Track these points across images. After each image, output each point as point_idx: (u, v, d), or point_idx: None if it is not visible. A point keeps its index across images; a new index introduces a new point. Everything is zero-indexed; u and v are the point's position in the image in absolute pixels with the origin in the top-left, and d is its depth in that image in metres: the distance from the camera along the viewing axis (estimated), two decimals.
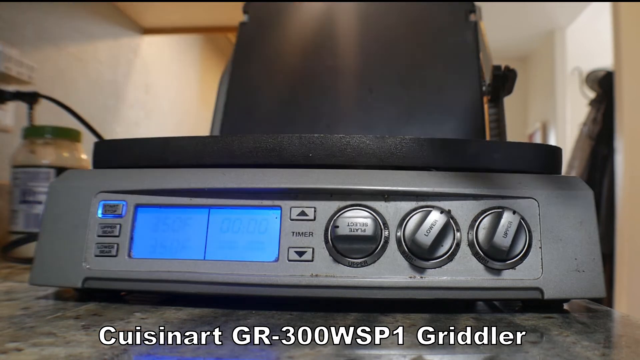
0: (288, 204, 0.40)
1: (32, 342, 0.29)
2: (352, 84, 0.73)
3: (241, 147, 0.42)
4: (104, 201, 0.42)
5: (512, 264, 0.38)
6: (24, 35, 1.08)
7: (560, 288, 0.37)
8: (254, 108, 0.73)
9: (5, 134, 1.00)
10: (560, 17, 3.78)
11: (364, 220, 0.38)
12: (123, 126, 1.55)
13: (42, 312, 0.37)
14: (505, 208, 0.38)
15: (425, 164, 0.41)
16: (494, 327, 0.34)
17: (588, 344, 0.30)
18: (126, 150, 0.45)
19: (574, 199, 0.39)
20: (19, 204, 0.77)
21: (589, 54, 3.48)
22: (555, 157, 0.43)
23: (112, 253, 0.40)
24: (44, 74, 1.14)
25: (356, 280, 0.38)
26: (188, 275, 0.39)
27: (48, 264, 0.41)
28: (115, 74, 1.51)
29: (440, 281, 0.38)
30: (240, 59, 0.76)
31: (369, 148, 0.41)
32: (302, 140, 0.41)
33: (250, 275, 0.38)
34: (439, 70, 0.72)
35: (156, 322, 0.35)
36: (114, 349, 0.28)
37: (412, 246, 0.38)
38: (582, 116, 2.71)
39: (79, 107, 0.94)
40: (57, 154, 0.78)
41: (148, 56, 1.72)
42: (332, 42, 0.76)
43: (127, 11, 1.52)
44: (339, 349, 0.29)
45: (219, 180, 0.40)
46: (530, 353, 0.29)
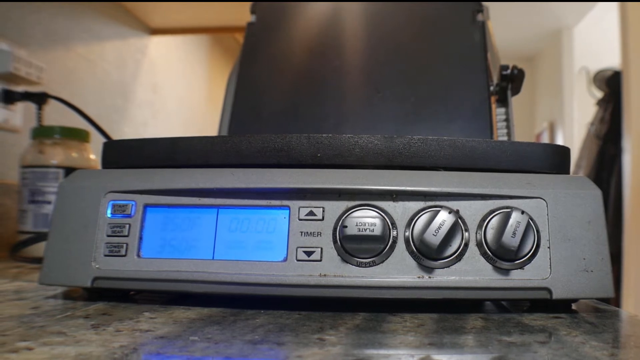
0: (296, 204, 0.40)
1: (42, 341, 0.29)
2: (359, 84, 0.73)
3: (249, 147, 0.42)
4: (113, 201, 0.42)
5: (520, 264, 0.38)
6: (33, 36, 1.08)
7: (568, 288, 0.37)
8: (262, 108, 0.73)
9: (14, 134, 1.01)
10: (568, 17, 3.76)
11: (373, 220, 0.38)
12: (131, 126, 1.56)
13: (51, 312, 0.37)
14: (514, 208, 0.38)
15: (434, 163, 0.41)
16: (502, 327, 0.34)
17: (596, 344, 0.30)
18: (135, 150, 0.45)
19: (582, 199, 0.39)
20: (27, 203, 0.77)
21: (597, 54, 3.46)
22: (564, 157, 0.43)
23: (121, 253, 0.40)
24: (52, 74, 1.14)
25: (364, 280, 0.38)
26: (197, 275, 0.39)
27: (57, 264, 0.41)
28: (123, 74, 1.52)
29: (448, 281, 0.38)
30: (248, 59, 0.76)
31: (377, 148, 0.41)
32: (311, 140, 0.41)
33: (259, 275, 0.38)
34: (446, 70, 0.72)
35: (165, 321, 0.35)
36: (123, 348, 0.28)
37: (421, 246, 0.38)
38: (589, 116, 2.70)
39: (87, 107, 0.94)
40: (65, 154, 0.78)
41: (156, 56, 1.72)
42: (339, 42, 0.76)
43: (134, 12, 1.53)
44: (347, 349, 0.29)
45: (227, 180, 0.41)
46: (539, 353, 0.29)
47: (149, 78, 1.68)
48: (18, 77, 0.97)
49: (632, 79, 2.04)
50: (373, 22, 0.78)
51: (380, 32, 0.77)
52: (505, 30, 3.84)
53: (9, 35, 1.00)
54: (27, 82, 1.01)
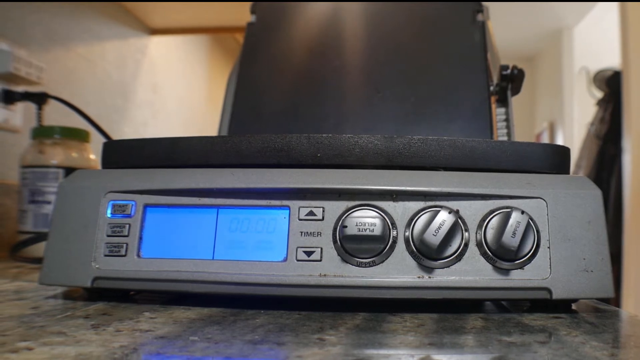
0: (296, 204, 0.40)
1: (43, 341, 0.29)
2: (359, 84, 0.73)
3: (250, 147, 0.42)
4: (113, 201, 0.42)
5: (520, 264, 0.38)
6: (33, 36, 1.08)
7: (568, 288, 0.37)
8: (262, 108, 0.73)
9: (14, 134, 1.01)
10: (568, 17, 3.76)
11: (372, 220, 0.38)
12: (131, 126, 1.56)
13: (51, 312, 0.37)
14: (514, 208, 0.38)
15: (434, 163, 0.41)
16: (502, 327, 0.34)
17: (597, 344, 0.30)
18: (135, 150, 0.45)
19: (582, 199, 0.39)
20: (27, 204, 0.77)
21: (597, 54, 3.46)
22: (564, 157, 0.43)
23: (121, 253, 0.40)
24: (52, 74, 1.14)
25: (364, 280, 0.38)
26: (197, 275, 0.39)
27: (57, 264, 0.41)
28: (123, 74, 1.52)
29: (448, 281, 0.38)
30: (248, 59, 0.76)
31: (377, 148, 0.41)
32: (311, 140, 0.41)
33: (259, 275, 0.38)
34: (446, 70, 0.72)
35: (165, 321, 0.35)
36: (123, 348, 0.28)
37: (421, 246, 0.38)
38: (589, 116, 2.70)
39: (87, 107, 0.94)
40: (65, 154, 0.78)
41: (156, 56, 1.72)
42: (339, 42, 0.76)
43: (134, 12, 1.53)
44: (347, 349, 0.29)
45: (227, 180, 0.41)
46: (539, 353, 0.29)
47: (149, 78, 1.68)
48: (18, 77, 0.97)
49: (632, 79, 2.04)
50: (373, 22, 0.78)
51: (380, 32, 0.77)
52: (505, 30, 3.84)
53: (9, 35, 1.00)
54: (27, 82, 1.01)
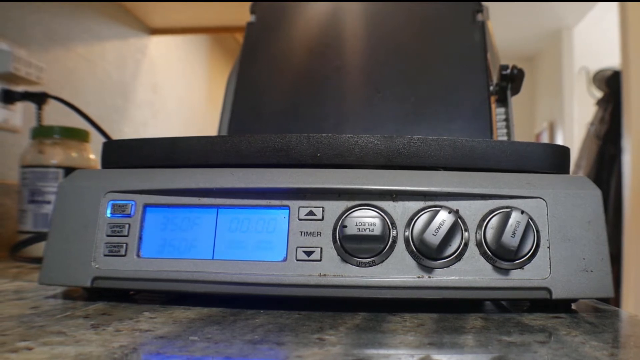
0: (296, 204, 0.40)
1: (42, 341, 0.29)
2: (359, 84, 0.73)
3: (249, 147, 0.42)
4: (113, 201, 0.42)
5: (520, 264, 0.38)
6: (33, 36, 1.08)
7: (568, 288, 0.37)
8: (262, 108, 0.73)
9: (14, 134, 1.01)
10: (568, 17, 3.76)
11: (372, 220, 0.38)
12: (131, 126, 1.56)
13: (51, 311, 0.37)
14: (514, 208, 0.38)
15: (433, 163, 0.41)
16: (502, 327, 0.34)
17: (596, 344, 0.30)
18: (135, 150, 0.45)
19: (582, 199, 0.39)
20: (27, 203, 0.77)
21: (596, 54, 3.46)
22: (564, 157, 0.43)
23: (120, 253, 0.40)
24: (52, 74, 1.14)
25: (364, 280, 0.38)
26: (197, 274, 0.39)
27: (57, 264, 0.41)
28: (123, 74, 1.52)
29: (448, 281, 0.38)
30: (248, 59, 0.76)
31: (377, 148, 0.41)
32: (311, 140, 0.41)
33: (259, 275, 0.38)
34: (446, 70, 0.72)
35: (165, 321, 0.35)
36: (123, 348, 0.28)
37: (420, 246, 0.38)
38: (589, 116, 2.70)
39: (87, 107, 0.94)
40: (65, 154, 0.78)
41: (156, 56, 1.72)
42: (339, 42, 0.76)
43: (134, 12, 1.53)
44: (347, 349, 0.29)
45: (227, 180, 0.41)
46: (539, 353, 0.29)
47: (149, 78, 1.68)
48: (18, 77, 0.97)
49: (632, 79, 2.04)
50: (373, 22, 0.78)
51: (380, 32, 0.77)
52: (505, 30, 3.84)
53: (9, 35, 1.00)
54: (27, 82, 1.01)
